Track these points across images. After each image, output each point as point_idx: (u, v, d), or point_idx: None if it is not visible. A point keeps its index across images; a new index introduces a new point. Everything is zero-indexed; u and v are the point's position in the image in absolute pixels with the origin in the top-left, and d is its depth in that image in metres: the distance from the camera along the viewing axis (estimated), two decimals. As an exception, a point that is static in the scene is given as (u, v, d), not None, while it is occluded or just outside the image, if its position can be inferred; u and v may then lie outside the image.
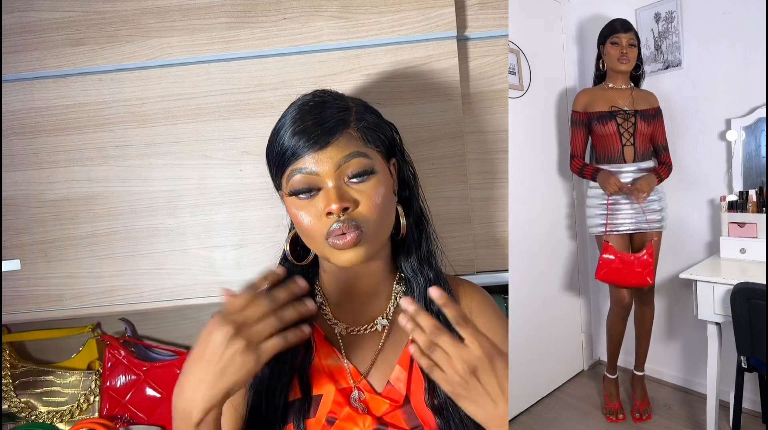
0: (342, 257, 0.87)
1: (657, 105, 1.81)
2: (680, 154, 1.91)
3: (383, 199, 0.87)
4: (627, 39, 1.73)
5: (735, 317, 1.38)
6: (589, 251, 2.19)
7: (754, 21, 1.71)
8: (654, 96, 1.83)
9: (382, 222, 0.88)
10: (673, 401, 1.99)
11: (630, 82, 1.81)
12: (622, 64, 1.74)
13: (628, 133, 1.76)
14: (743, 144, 1.77)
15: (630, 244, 1.83)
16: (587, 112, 1.78)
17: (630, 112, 1.76)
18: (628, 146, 1.77)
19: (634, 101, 1.78)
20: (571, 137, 1.83)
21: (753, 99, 1.74)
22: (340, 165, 0.85)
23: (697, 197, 1.91)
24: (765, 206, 1.66)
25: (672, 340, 2.08)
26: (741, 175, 1.78)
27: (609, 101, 1.78)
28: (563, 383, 2.15)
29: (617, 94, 1.79)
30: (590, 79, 2.09)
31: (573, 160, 1.82)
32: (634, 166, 1.77)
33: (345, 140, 0.86)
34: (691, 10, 1.88)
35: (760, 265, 1.60)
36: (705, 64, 1.88)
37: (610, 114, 1.76)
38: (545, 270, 2.04)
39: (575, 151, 1.82)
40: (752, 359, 1.47)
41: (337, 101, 0.90)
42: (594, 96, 1.80)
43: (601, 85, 1.82)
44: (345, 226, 0.84)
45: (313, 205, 0.87)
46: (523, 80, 1.86)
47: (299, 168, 0.86)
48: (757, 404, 1.78)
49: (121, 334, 1.41)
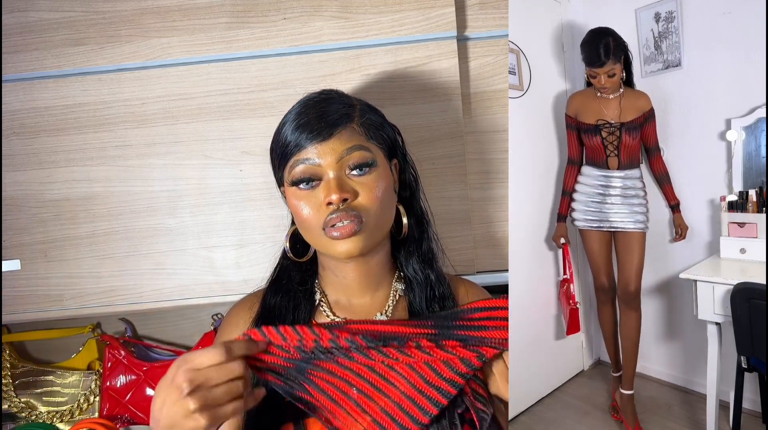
0: (339, 247, 0.87)
1: (648, 107, 1.75)
2: (680, 154, 1.91)
3: (383, 193, 0.88)
4: (606, 71, 1.65)
5: (735, 317, 1.38)
6: (573, 251, 2.19)
7: (754, 21, 1.71)
8: (646, 98, 1.76)
9: (381, 214, 0.88)
10: (673, 401, 1.99)
11: (620, 87, 1.74)
12: (604, 93, 1.73)
13: (613, 146, 1.76)
14: (743, 144, 1.77)
15: (613, 242, 1.85)
16: (577, 120, 1.79)
17: (616, 125, 1.74)
18: (612, 157, 1.78)
19: (622, 112, 1.74)
20: (567, 140, 1.85)
21: (753, 99, 1.74)
22: (342, 157, 0.86)
23: (697, 197, 1.91)
24: (765, 206, 1.66)
25: (672, 340, 2.08)
26: (741, 175, 1.78)
27: (596, 113, 1.75)
28: (563, 383, 2.15)
29: (605, 104, 1.75)
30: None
31: (568, 166, 1.86)
32: (621, 172, 1.79)
33: (348, 133, 0.87)
34: (691, 10, 1.88)
35: (760, 265, 1.60)
36: (705, 64, 1.88)
37: (596, 128, 1.75)
38: (545, 270, 2.04)
39: (571, 154, 1.85)
40: (752, 359, 1.47)
41: (342, 98, 0.91)
42: (583, 104, 1.79)
43: (591, 90, 1.78)
44: (343, 214, 0.85)
45: (314, 196, 0.87)
46: (523, 80, 1.86)
47: (302, 159, 0.87)
48: (757, 404, 1.78)
49: (121, 334, 1.41)
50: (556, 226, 1.90)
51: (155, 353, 1.40)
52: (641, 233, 1.79)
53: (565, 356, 2.16)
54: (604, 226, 1.81)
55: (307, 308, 0.95)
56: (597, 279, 1.90)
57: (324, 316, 0.96)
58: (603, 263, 1.87)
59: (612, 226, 1.80)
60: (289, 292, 0.96)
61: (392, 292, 0.97)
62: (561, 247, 1.90)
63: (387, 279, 0.97)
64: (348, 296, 0.96)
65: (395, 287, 0.97)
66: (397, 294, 0.97)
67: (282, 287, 0.97)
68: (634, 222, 1.78)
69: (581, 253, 2.15)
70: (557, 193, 2.06)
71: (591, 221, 1.83)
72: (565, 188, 1.87)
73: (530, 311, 1.95)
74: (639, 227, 1.79)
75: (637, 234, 1.79)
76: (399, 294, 0.97)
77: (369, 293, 0.96)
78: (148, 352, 1.40)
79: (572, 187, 1.85)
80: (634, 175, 1.80)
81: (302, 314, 0.94)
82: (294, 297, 0.96)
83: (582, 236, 1.89)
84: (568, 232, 1.89)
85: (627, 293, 1.81)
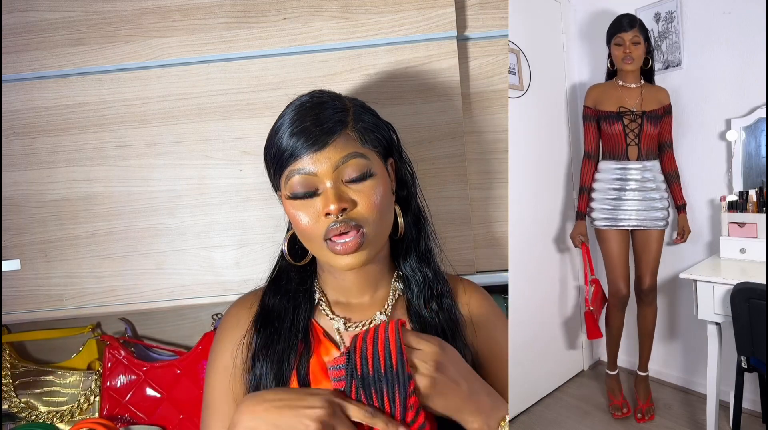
0: (342, 261, 0.87)
1: (667, 102, 1.79)
2: (680, 154, 1.91)
3: (381, 199, 0.88)
4: (630, 37, 1.71)
5: (735, 317, 1.38)
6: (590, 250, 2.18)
7: (754, 21, 1.71)
8: (665, 92, 1.80)
9: (381, 222, 0.88)
10: (674, 400, 1.99)
11: (641, 79, 1.79)
12: (627, 65, 1.74)
13: (633, 134, 1.76)
14: (743, 144, 1.77)
15: (631, 240, 1.84)
16: (597, 110, 1.78)
17: (637, 113, 1.75)
18: (632, 146, 1.77)
19: (643, 101, 1.76)
20: (584, 133, 1.83)
21: (753, 99, 1.74)
22: (338, 166, 0.86)
23: (697, 197, 1.91)
24: (765, 206, 1.66)
25: (672, 340, 2.08)
26: (741, 175, 1.78)
27: (617, 101, 1.77)
28: (563, 383, 2.15)
29: (626, 92, 1.77)
30: (590, 78, 2.09)
31: (585, 160, 1.83)
32: (639, 164, 1.78)
33: (343, 141, 0.86)
34: (691, 10, 1.88)
35: (760, 265, 1.60)
36: (705, 64, 1.88)
37: (617, 115, 1.76)
38: (545, 270, 2.04)
39: (588, 148, 1.82)
40: (752, 359, 1.47)
41: (335, 101, 0.90)
42: (604, 93, 1.79)
43: (612, 81, 1.81)
44: (344, 225, 0.85)
45: (312, 206, 0.87)
46: (523, 80, 1.86)
47: (297, 169, 0.86)
48: (757, 404, 1.78)
49: (121, 334, 1.41)
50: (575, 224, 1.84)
51: (155, 353, 1.40)
52: (660, 230, 1.79)
53: (564, 356, 2.16)
54: (621, 224, 1.79)
55: (307, 308, 0.95)
56: (613, 284, 1.83)
57: (324, 316, 0.96)
58: (620, 265, 1.81)
59: (630, 224, 1.78)
60: (288, 292, 0.96)
61: (392, 291, 0.97)
62: (579, 246, 1.84)
63: (386, 279, 0.97)
64: (347, 296, 0.97)
65: (394, 286, 0.97)
66: (396, 293, 0.97)
67: (281, 287, 0.97)
68: (653, 220, 1.77)
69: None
70: (558, 192, 2.06)
71: (608, 220, 1.80)
72: (583, 184, 1.82)
73: (530, 311, 1.94)
74: (658, 225, 1.78)
75: (655, 232, 1.78)
76: (398, 293, 0.97)
77: (368, 293, 0.96)
78: (148, 352, 1.40)
79: (590, 183, 1.82)
80: (653, 166, 1.78)
81: (302, 315, 0.95)
82: (294, 297, 0.96)
83: (598, 235, 1.85)
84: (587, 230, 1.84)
85: (643, 290, 1.82)
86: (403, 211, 0.96)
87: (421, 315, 0.94)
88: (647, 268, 1.82)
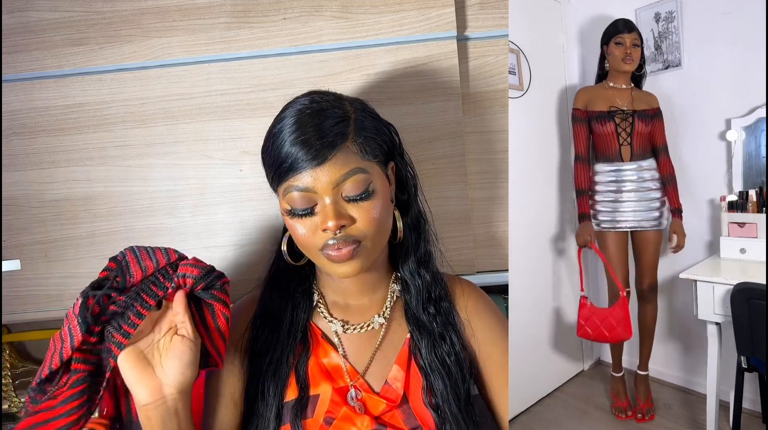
0: (338, 269, 0.86)
1: (657, 106, 1.82)
2: (680, 154, 1.91)
3: (381, 214, 0.86)
4: (631, 39, 1.73)
5: (735, 317, 1.38)
6: (590, 250, 2.18)
7: (753, 21, 1.71)
8: (654, 97, 1.83)
9: (379, 235, 0.87)
10: (674, 401, 1.99)
11: (631, 83, 1.82)
12: (626, 65, 1.75)
13: (626, 133, 1.77)
14: (743, 144, 1.77)
15: (630, 242, 1.84)
16: (587, 110, 1.79)
17: (628, 112, 1.77)
18: (625, 146, 1.78)
19: (634, 101, 1.79)
20: (574, 136, 1.83)
21: (753, 99, 1.75)
22: (338, 183, 0.83)
23: (697, 197, 1.91)
24: (765, 206, 1.66)
25: (672, 340, 2.08)
26: (741, 175, 1.78)
27: (608, 101, 1.79)
28: (563, 383, 2.15)
29: (617, 93, 1.79)
30: (590, 79, 2.09)
31: (577, 163, 1.81)
32: (635, 164, 1.78)
33: (343, 156, 0.83)
34: (691, 10, 1.88)
35: (760, 265, 1.60)
36: (705, 64, 1.88)
37: (609, 114, 1.77)
38: (545, 270, 2.04)
39: (578, 150, 1.82)
40: (752, 359, 1.47)
41: (336, 108, 0.86)
42: (594, 94, 1.81)
43: (602, 83, 1.83)
44: (341, 242, 0.83)
45: (310, 220, 0.85)
46: (523, 80, 1.86)
47: (296, 185, 0.83)
48: (757, 404, 1.78)
49: (121, 334, 1.41)
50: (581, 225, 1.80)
51: (155, 353, 1.40)
52: (658, 231, 1.79)
53: (564, 356, 2.16)
54: (620, 226, 1.79)
55: (306, 309, 0.95)
56: (613, 286, 1.83)
57: (321, 317, 0.96)
58: (620, 266, 1.81)
59: (629, 225, 1.79)
60: (287, 292, 0.96)
61: (390, 294, 0.97)
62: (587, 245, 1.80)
63: (384, 282, 0.97)
64: (346, 298, 0.96)
65: (392, 289, 0.97)
66: (394, 295, 0.97)
67: (280, 287, 0.97)
68: (651, 220, 1.78)
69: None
70: (558, 193, 2.06)
71: (608, 223, 1.81)
72: (580, 187, 1.81)
73: (530, 311, 1.94)
74: (656, 225, 1.79)
75: (653, 233, 1.79)
76: (396, 295, 0.97)
77: (367, 295, 0.96)
78: (148, 352, 1.40)
79: (587, 185, 1.81)
80: (649, 165, 1.79)
81: (301, 315, 0.94)
82: (292, 297, 0.95)
83: (599, 238, 1.85)
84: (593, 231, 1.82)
85: (643, 289, 1.84)
86: (403, 215, 0.94)
87: (418, 318, 0.94)
88: (647, 268, 1.83)
